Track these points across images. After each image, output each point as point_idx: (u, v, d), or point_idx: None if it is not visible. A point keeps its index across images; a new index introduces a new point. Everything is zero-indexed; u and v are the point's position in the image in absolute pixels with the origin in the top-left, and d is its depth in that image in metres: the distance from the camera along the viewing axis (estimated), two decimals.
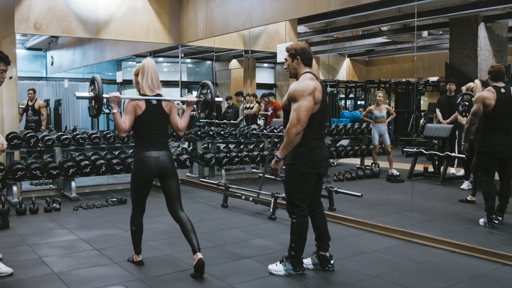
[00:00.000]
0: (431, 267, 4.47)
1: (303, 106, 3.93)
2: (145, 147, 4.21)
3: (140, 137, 4.26)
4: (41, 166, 7.35)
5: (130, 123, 4.17)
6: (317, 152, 4.11)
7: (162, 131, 4.32)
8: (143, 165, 4.22)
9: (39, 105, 10.71)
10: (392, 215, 6.36)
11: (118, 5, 8.63)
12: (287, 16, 7.38)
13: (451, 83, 9.61)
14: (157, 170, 4.24)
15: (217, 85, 17.22)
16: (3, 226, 5.79)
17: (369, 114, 9.85)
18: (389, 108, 9.97)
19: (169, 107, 4.35)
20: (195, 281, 4.11)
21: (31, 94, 10.63)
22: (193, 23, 8.92)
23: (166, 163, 4.26)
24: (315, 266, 4.37)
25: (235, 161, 9.03)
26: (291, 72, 4.23)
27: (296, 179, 4.12)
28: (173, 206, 4.37)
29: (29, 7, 7.77)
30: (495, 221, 5.69)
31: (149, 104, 4.21)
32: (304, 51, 4.16)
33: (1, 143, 4.27)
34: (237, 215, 6.61)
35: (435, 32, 14.19)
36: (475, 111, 5.72)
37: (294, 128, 3.94)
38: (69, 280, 4.12)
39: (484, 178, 5.82)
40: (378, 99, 9.69)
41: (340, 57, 19.73)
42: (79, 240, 5.32)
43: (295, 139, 3.97)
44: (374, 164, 9.67)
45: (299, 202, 4.16)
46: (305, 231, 4.20)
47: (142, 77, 4.29)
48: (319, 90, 4.03)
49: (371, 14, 11.41)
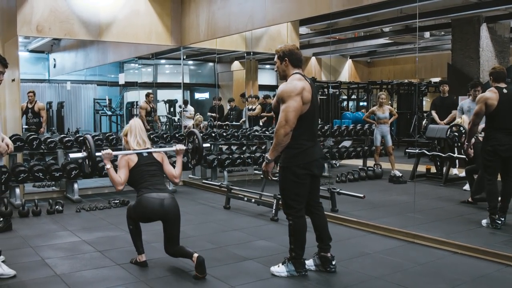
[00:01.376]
0: (434, 268, 4.46)
1: (291, 107, 3.93)
2: (145, 192, 4.31)
3: (138, 185, 4.38)
4: (44, 168, 7.37)
5: (126, 176, 4.36)
6: (309, 154, 4.10)
7: (158, 178, 4.44)
8: (145, 207, 4.31)
9: (39, 107, 10.73)
10: (395, 216, 6.36)
11: (120, 7, 8.64)
12: (289, 17, 7.39)
13: (444, 84, 9.80)
14: (161, 213, 4.31)
15: (219, 87, 17.24)
16: (6, 228, 5.80)
17: (372, 115, 9.84)
18: (391, 109, 9.98)
19: (160, 157, 4.57)
20: (197, 283, 4.11)
21: (31, 97, 10.66)
22: (195, 25, 8.93)
23: (171, 207, 4.33)
24: (317, 267, 4.37)
25: (238, 163, 9.03)
26: (280, 74, 4.23)
27: (289, 181, 4.12)
28: (171, 247, 4.40)
29: (31, 9, 7.79)
30: (498, 222, 5.68)
31: (141, 156, 4.44)
32: (291, 52, 4.16)
33: (6, 144, 4.32)
34: (239, 217, 6.61)
35: (437, 33, 14.19)
36: (477, 112, 5.75)
37: (283, 129, 3.94)
38: (72, 282, 4.13)
39: (487, 178, 5.83)
40: (380, 100, 9.68)
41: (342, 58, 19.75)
42: (82, 242, 5.33)
43: (284, 140, 3.97)
44: (376, 165, 9.66)
45: (294, 204, 4.17)
46: (303, 232, 4.21)
47: (130, 135, 4.54)
48: (307, 90, 4.02)
49: (373, 15, 11.42)
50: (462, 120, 7.80)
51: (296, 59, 4.18)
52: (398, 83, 17.22)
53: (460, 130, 7.75)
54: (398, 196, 7.78)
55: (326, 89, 16.11)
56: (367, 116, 10.27)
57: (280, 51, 4.18)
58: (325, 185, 7.89)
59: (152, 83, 17.68)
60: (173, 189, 8.37)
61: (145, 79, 18.09)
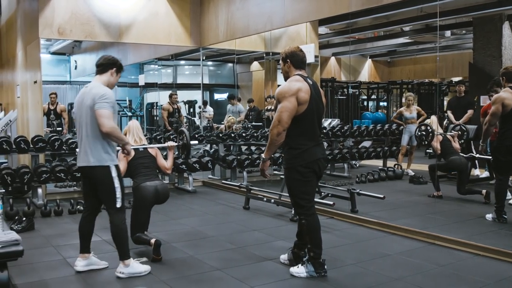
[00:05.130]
0: (455, 270, 4.42)
1: (284, 107, 4.04)
2: (140, 182, 5.01)
3: (134, 175, 5.10)
4: (65, 169, 7.45)
5: (124, 167, 5.02)
6: (311, 154, 4.17)
7: (150, 169, 5.17)
8: (144, 194, 4.95)
9: (61, 109, 10.79)
10: (415, 217, 6.30)
11: (140, 9, 8.70)
12: (308, 17, 7.37)
13: (460, 84, 9.83)
14: (156, 197, 5.00)
15: (238, 88, 17.25)
16: (29, 227, 5.88)
17: (400, 115, 9.87)
18: (419, 109, 9.97)
19: (154, 151, 5.34)
20: (217, 283, 4.13)
21: (53, 98, 10.70)
22: (214, 25, 8.96)
23: (165, 191, 5.08)
24: (290, 262, 4.47)
25: (257, 163, 9.03)
26: (284, 75, 4.34)
27: (295, 180, 4.21)
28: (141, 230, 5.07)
29: (53, 12, 7.88)
30: (505, 216, 5.81)
31: (137, 151, 5.17)
32: (293, 54, 4.25)
33: None
34: (258, 217, 6.62)
35: (458, 32, 14.03)
36: (494, 112, 5.75)
37: (276, 129, 4.06)
38: (92, 282, 4.17)
39: (498, 177, 5.91)
40: (408, 101, 9.70)
41: (362, 58, 19.62)
42: (102, 242, 5.38)
43: (278, 139, 4.09)
44: (396, 165, 9.60)
45: (304, 202, 4.23)
46: (318, 229, 4.24)
47: (129, 134, 5.30)
48: (304, 91, 4.08)
49: (392, 14, 11.32)
50: (431, 121, 8.00)
51: (298, 61, 4.26)
52: (419, 82, 17.06)
53: (427, 129, 7.87)
54: (419, 197, 7.71)
55: (346, 89, 16.03)
56: (395, 117, 10.26)
57: (283, 53, 4.30)
58: (345, 185, 7.87)
59: (171, 84, 17.75)
60: (193, 189, 8.41)
61: (165, 80, 18.19)
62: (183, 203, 7.57)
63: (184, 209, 7.19)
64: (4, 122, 9.52)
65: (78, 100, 4.31)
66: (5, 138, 7.61)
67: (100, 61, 4.40)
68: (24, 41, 9.06)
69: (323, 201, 6.46)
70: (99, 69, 4.38)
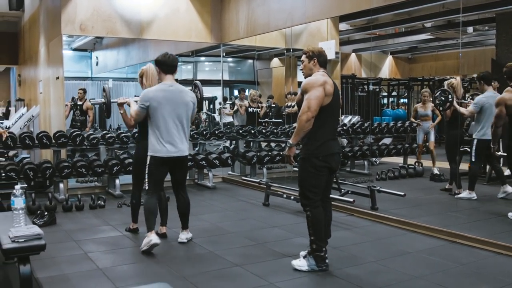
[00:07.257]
0: (476, 269, 4.37)
1: (313, 95, 4.16)
2: None
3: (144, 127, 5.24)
4: (87, 164, 7.53)
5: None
6: (328, 147, 4.28)
7: None
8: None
9: (87, 106, 10.65)
10: (436, 215, 6.25)
11: (160, 5, 8.75)
12: (329, 14, 7.34)
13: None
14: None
15: (258, 84, 17.24)
16: (51, 222, 5.96)
17: (416, 112, 9.75)
18: (434, 108, 9.81)
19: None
20: (237, 279, 4.14)
21: (80, 94, 10.60)
22: (234, 22, 8.97)
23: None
24: None
25: (277, 160, 9.03)
26: (306, 72, 4.45)
27: (308, 172, 4.31)
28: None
29: (75, 9, 7.96)
30: None
31: None
32: (320, 54, 4.43)
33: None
34: (278, 214, 6.62)
35: (481, 28, 13.85)
36: (498, 114, 5.82)
37: (305, 115, 4.15)
38: (114, 276, 4.21)
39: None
40: (424, 98, 9.58)
41: (383, 55, 19.46)
42: (123, 237, 5.43)
43: (306, 126, 4.17)
44: (417, 163, 9.51)
45: (311, 195, 4.29)
46: (321, 222, 4.28)
47: (146, 79, 5.52)
48: (330, 84, 4.24)
49: (414, 10, 11.21)
50: (457, 82, 7.97)
51: (323, 61, 4.45)
52: (440, 79, 16.88)
53: (448, 97, 7.57)
54: (440, 195, 7.64)
55: (366, 85, 15.92)
56: (413, 116, 10.10)
57: (310, 51, 4.44)
58: (365, 183, 7.83)
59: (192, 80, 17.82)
60: (213, 185, 8.44)
61: (185, 76, 18.25)
62: (203, 199, 7.60)
63: (204, 205, 7.21)
64: (27, 118, 9.65)
65: (167, 96, 4.93)
66: (28, 134, 7.72)
67: (174, 61, 5.22)
68: (47, 37, 9.17)
69: (344, 198, 6.44)
70: (174, 69, 5.24)
